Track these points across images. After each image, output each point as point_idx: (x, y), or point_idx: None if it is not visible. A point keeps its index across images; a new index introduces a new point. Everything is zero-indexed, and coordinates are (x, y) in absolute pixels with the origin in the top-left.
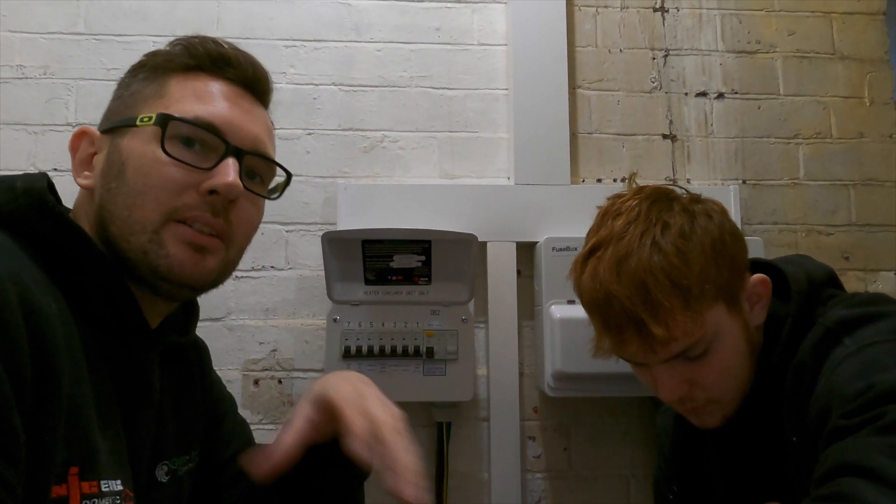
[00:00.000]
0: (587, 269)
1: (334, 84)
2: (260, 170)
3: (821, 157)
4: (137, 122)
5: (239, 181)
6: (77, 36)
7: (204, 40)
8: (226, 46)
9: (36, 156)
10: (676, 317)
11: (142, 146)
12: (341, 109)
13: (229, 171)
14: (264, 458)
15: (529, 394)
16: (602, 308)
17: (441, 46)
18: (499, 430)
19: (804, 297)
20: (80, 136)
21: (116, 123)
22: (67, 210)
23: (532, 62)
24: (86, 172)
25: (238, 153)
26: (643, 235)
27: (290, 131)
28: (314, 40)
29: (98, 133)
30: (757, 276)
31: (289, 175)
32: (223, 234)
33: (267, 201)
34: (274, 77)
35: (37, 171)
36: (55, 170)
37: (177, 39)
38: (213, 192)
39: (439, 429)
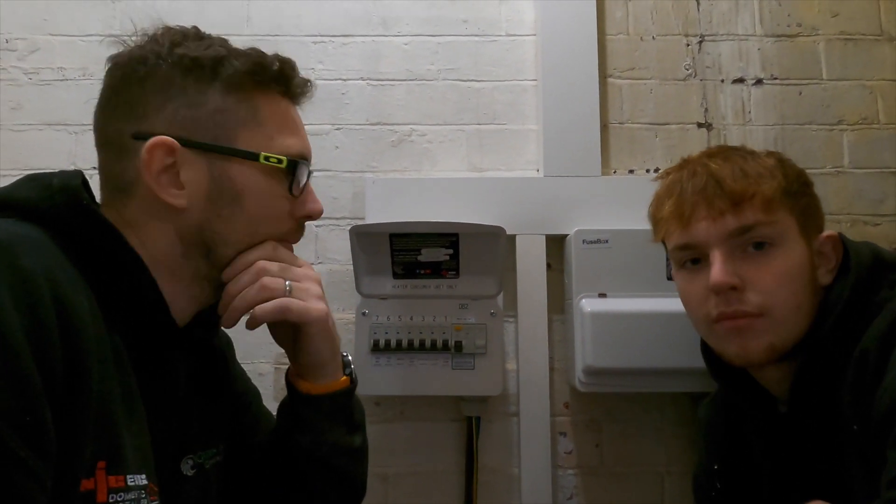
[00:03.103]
0: (672, 171)
1: (362, 79)
2: None
3: (867, 144)
4: (261, 160)
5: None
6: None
7: (282, 61)
8: (290, 64)
9: (76, 155)
10: (756, 183)
11: (259, 178)
12: (369, 104)
13: (316, 198)
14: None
15: (560, 389)
16: (687, 178)
17: (469, 38)
18: (529, 425)
19: (866, 272)
20: (157, 147)
21: (221, 149)
22: (100, 206)
23: (561, 52)
24: (174, 191)
25: (309, 174)
26: (738, 152)
27: (318, 127)
28: (342, 35)
29: (178, 144)
30: (829, 233)
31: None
32: None
33: None
34: (302, 73)
35: (78, 170)
36: (94, 168)
37: (244, 51)
38: (306, 216)
39: (468, 423)
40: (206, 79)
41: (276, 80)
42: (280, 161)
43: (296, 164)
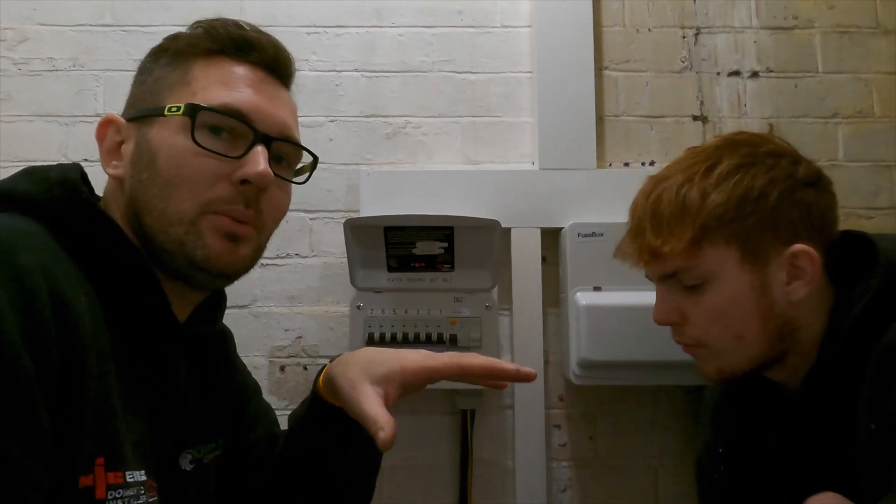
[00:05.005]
0: (643, 185)
1: (356, 70)
2: (287, 154)
3: (862, 137)
4: (165, 112)
5: (269, 170)
6: (104, 28)
7: (225, 23)
8: (248, 29)
9: (67, 146)
10: (673, 235)
11: (171, 136)
12: (363, 96)
13: (259, 159)
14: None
15: (554, 382)
16: (631, 213)
17: (463, 30)
18: (523, 418)
19: (893, 272)
20: (107, 125)
21: (143, 112)
22: (99, 200)
23: (557, 44)
24: (114, 162)
25: (266, 140)
26: (689, 168)
27: (312, 118)
28: (336, 26)
29: (124, 121)
30: (802, 247)
31: (315, 158)
32: (255, 222)
33: (293, 193)
34: (296, 64)
35: (69, 162)
36: (85, 160)
37: (197, 22)
38: (244, 181)
39: (463, 416)
40: (156, 57)
41: (215, 41)
42: (179, 108)
43: (195, 109)
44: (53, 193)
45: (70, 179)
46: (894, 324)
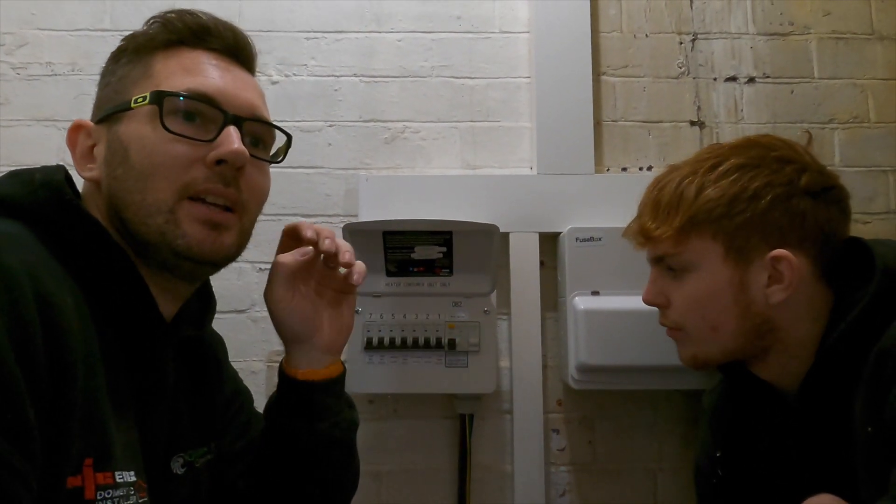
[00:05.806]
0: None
1: (355, 75)
2: (261, 135)
3: (858, 142)
4: (132, 105)
5: (244, 148)
6: (103, 32)
7: (181, 14)
8: (204, 17)
9: (65, 151)
10: (665, 221)
11: (141, 128)
12: (362, 101)
13: (233, 138)
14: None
15: (553, 386)
16: (642, 196)
17: (462, 35)
18: (522, 422)
19: (889, 277)
20: (77, 130)
21: (110, 110)
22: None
23: (555, 49)
24: (89, 165)
25: (237, 121)
26: (698, 163)
27: (311, 123)
28: (335, 31)
29: (93, 125)
30: (783, 252)
31: (288, 137)
32: (236, 204)
33: (291, 198)
34: (295, 69)
35: (60, 165)
36: None
37: (153, 17)
38: (220, 161)
39: (462, 421)
40: (116, 58)
41: (172, 32)
42: (145, 98)
43: (161, 96)
44: (38, 196)
45: (54, 181)
46: (890, 328)
